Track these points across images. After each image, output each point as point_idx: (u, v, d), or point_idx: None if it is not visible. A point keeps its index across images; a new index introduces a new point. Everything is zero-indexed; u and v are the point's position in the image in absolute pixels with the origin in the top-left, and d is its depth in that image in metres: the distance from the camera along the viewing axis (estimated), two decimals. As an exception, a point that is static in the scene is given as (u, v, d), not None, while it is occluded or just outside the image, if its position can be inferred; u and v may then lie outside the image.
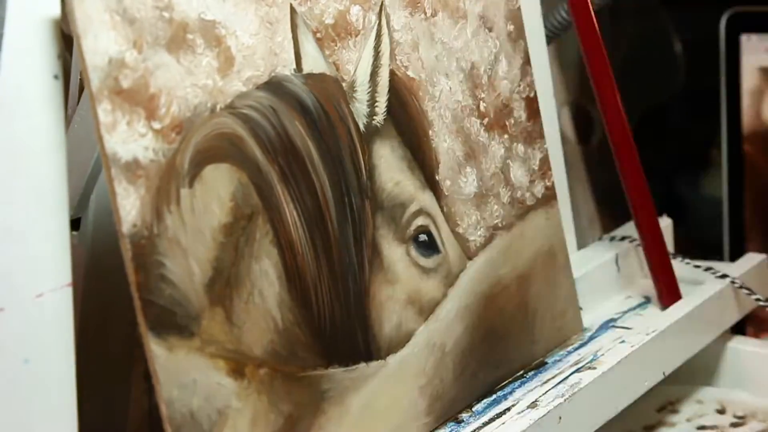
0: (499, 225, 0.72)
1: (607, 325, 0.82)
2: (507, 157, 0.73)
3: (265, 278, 0.57)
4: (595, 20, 0.82)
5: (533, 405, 0.68)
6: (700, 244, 1.00)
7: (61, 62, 0.53)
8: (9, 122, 0.51)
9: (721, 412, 0.87)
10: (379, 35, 0.65)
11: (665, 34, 1.12)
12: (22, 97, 0.51)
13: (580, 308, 0.80)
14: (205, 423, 0.53)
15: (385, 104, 0.65)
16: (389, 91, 0.65)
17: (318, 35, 0.61)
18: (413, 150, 0.67)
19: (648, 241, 0.86)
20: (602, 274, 0.87)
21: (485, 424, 0.67)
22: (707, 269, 0.88)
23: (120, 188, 0.51)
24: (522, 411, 0.67)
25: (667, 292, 0.86)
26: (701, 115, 1.13)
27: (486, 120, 0.72)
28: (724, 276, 0.87)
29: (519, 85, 0.75)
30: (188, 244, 0.53)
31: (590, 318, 0.82)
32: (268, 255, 0.57)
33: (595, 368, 0.73)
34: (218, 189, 0.55)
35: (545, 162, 0.76)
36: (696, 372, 0.89)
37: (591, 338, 0.79)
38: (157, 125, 0.53)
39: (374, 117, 0.64)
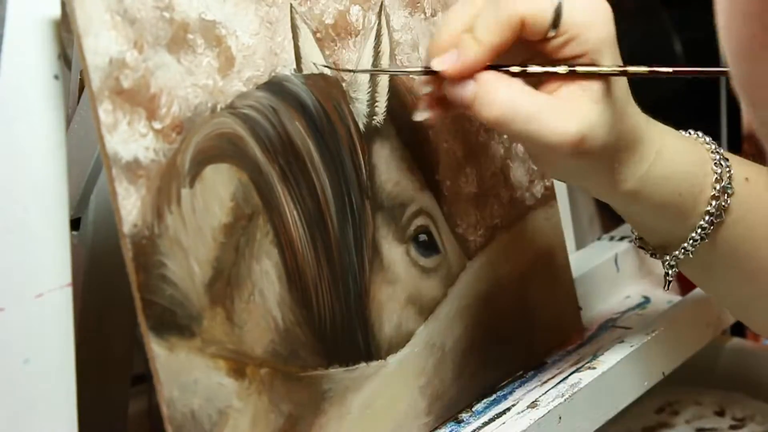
0: (499, 225, 0.72)
1: (607, 325, 0.82)
2: (506, 157, 0.73)
3: (266, 278, 0.57)
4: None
5: (533, 405, 0.68)
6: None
7: (61, 62, 0.53)
8: (9, 122, 0.51)
9: (720, 413, 0.87)
10: (378, 35, 0.65)
11: (665, 34, 1.12)
12: (22, 97, 0.51)
13: (580, 308, 0.80)
14: (205, 423, 0.53)
15: (384, 104, 0.65)
16: (389, 91, 0.65)
17: (318, 35, 0.61)
18: (413, 150, 0.67)
19: None
20: (602, 274, 0.87)
21: (485, 423, 0.67)
22: (707, 269, 0.88)
23: (121, 188, 0.51)
24: (522, 411, 0.67)
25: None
26: (701, 114, 1.13)
27: (486, 120, 0.72)
28: (723, 276, 0.87)
29: (519, 86, 0.74)
30: (189, 244, 0.53)
31: (590, 318, 0.82)
32: (268, 255, 0.57)
33: (594, 368, 0.73)
34: (219, 189, 0.55)
35: (545, 162, 0.76)
36: (695, 373, 0.89)
37: (591, 338, 0.79)
38: (157, 125, 0.53)
39: (374, 117, 0.64)
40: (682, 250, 0.66)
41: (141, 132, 0.52)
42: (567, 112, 0.58)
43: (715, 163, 0.65)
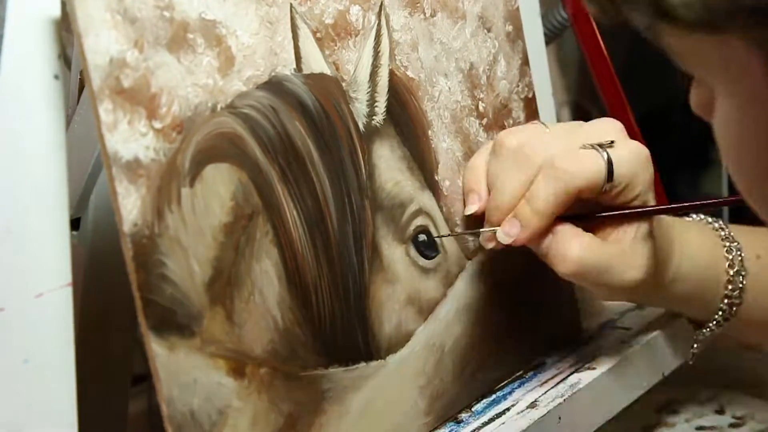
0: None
1: (607, 325, 0.82)
2: (506, 157, 0.73)
3: (266, 278, 0.57)
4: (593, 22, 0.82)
5: (533, 405, 0.68)
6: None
7: (61, 62, 0.53)
8: (9, 122, 0.51)
9: (720, 412, 0.87)
10: (378, 35, 0.65)
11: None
12: (22, 97, 0.51)
13: (580, 308, 0.80)
14: (205, 422, 0.53)
15: (384, 104, 0.65)
16: (389, 91, 0.65)
17: (318, 35, 0.61)
18: (413, 150, 0.67)
19: None
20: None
21: (485, 424, 0.67)
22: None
23: (121, 188, 0.51)
24: (522, 411, 0.67)
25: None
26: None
27: (485, 120, 0.72)
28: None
29: (518, 86, 0.75)
30: (189, 244, 0.53)
31: (590, 318, 0.82)
32: (268, 254, 0.57)
33: (594, 368, 0.73)
34: (219, 188, 0.55)
35: (545, 162, 0.76)
36: (695, 372, 0.89)
37: (590, 338, 0.79)
38: (158, 125, 0.53)
39: (374, 117, 0.64)
40: (708, 329, 0.72)
41: (141, 131, 0.52)
42: (631, 259, 0.64)
43: (726, 250, 0.70)
